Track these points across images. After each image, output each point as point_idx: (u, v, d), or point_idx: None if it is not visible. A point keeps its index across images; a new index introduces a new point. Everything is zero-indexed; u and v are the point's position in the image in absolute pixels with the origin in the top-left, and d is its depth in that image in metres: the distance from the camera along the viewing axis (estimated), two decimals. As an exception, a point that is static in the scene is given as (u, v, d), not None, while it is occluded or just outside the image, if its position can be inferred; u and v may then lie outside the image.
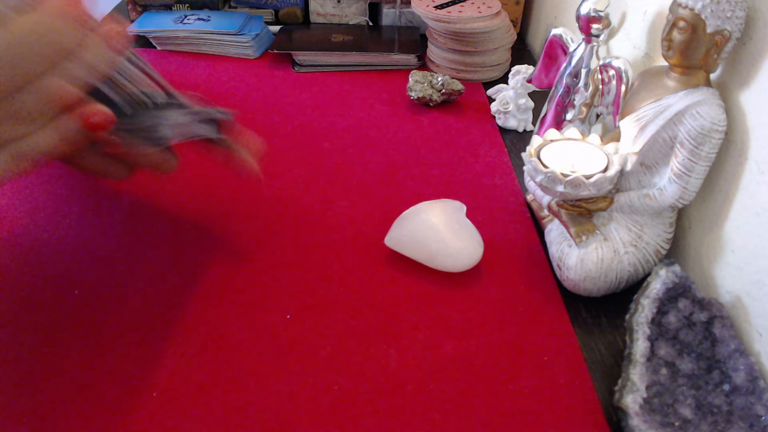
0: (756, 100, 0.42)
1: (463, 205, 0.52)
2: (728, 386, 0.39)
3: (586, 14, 0.54)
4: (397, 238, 0.51)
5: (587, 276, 0.47)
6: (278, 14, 0.95)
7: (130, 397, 0.40)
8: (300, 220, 0.56)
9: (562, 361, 0.44)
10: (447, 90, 0.74)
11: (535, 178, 0.46)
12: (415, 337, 0.45)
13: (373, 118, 0.73)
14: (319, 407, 0.40)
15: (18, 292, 0.47)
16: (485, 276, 0.51)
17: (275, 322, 0.46)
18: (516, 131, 0.72)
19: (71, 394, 0.40)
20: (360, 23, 0.95)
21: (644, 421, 0.36)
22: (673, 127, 0.44)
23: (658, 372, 0.40)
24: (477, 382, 0.42)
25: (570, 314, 0.48)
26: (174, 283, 0.49)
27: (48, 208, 0.56)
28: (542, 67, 0.63)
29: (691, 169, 0.44)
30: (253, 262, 0.51)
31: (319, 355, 0.43)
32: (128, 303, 0.47)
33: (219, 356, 0.43)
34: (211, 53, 0.88)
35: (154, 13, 0.92)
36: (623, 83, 0.49)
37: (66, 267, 0.49)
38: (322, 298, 0.48)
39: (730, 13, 0.40)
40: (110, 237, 0.53)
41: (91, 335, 0.44)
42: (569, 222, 0.48)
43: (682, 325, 0.42)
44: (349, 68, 0.85)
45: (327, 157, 0.65)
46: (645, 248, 0.47)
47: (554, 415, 0.40)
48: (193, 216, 0.56)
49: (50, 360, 0.42)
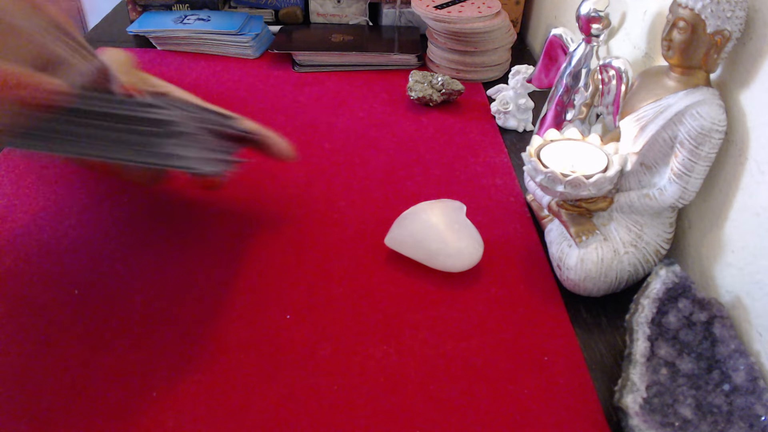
0: (756, 100, 0.42)
1: (463, 205, 0.52)
2: (728, 386, 0.39)
3: (586, 14, 0.54)
4: (397, 238, 0.51)
5: (587, 276, 0.47)
6: (278, 14, 0.95)
7: (130, 397, 0.40)
8: (300, 220, 0.56)
9: (562, 361, 0.44)
10: (447, 90, 0.74)
11: (535, 178, 0.46)
12: (415, 337, 0.45)
13: (373, 118, 0.73)
14: (319, 407, 0.40)
15: (18, 292, 0.47)
16: (485, 276, 0.51)
17: (275, 322, 0.46)
18: (516, 131, 0.72)
19: (71, 394, 0.40)
20: (360, 23, 0.95)
21: (644, 421, 0.36)
22: (673, 127, 0.44)
23: (658, 372, 0.40)
24: (477, 382, 0.42)
25: (570, 314, 0.48)
26: (174, 283, 0.49)
27: (48, 208, 0.56)
28: (542, 67, 0.63)
29: (691, 169, 0.44)
30: (253, 262, 0.51)
31: (319, 355, 0.43)
32: (128, 303, 0.47)
33: (219, 356, 0.43)
34: (211, 53, 0.88)
35: (154, 13, 0.92)
36: (623, 83, 0.49)
37: (66, 267, 0.49)
38: (322, 298, 0.48)
39: (730, 13, 0.40)
40: (110, 237, 0.53)
41: (91, 335, 0.44)
42: (569, 222, 0.48)
43: (682, 325, 0.42)
44: (349, 68, 0.85)
45: (327, 157, 0.65)
46: (645, 248, 0.47)
47: (554, 415, 0.40)
48: (193, 216, 0.56)
49: (50, 360, 0.42)
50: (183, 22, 0.88)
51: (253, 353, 0.43)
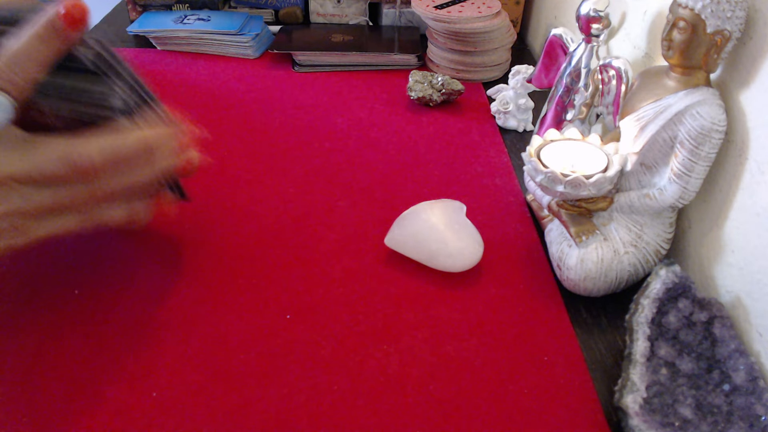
0: (756, 100, 0.42)
1: (463, 205, 0.52)
2: (728, 386, 0.39)
3: (586, 14, 0.54)
4: (397, 238, 0.51)
5: (587, 276, 0.47)
6: (278, 14, 0.95)
7: (130, 397, 0.40)
8: (300, 220, 0.56)
9: (562, 361, 0.44)
10: (447, 90, 0.74)
11: (535, 178, 0.46)
12: (415, 337, 0.45)
13: (373, 118, 0.73)
14: (319, 407, 0.40)
15: (18, 292, 0.47)
16: (485, 276, 0.51)
17: (275, 322, 0.46)
18: (516, 131, 0.72)
19: (71, 394, 0.40)
20: (360, 23, 0.95)
21: (644, 421, 0.36)
22: (673, 127, 0.44)
23: (658, 372, 0.40)
24: (477, 382, 0.42)
25: (570, 314, 0.48)
26: (174, 283, 0.49)
27: (48, 208, 0.55)
28: (542, 67, 0.63)
29: (691, 169, 0.44)
30: (253, 262, 0.51)
31: (319, 355, 0.43)
32: (128, 303, 0.47)
33: (219, 356, 0.43)
34: (211, 53, 0.88)
35: (154, 13, 0.92)
36: (623, 83, 0.49)
37: (66, 267, 0.49)
38: (322, 298, 0.48)
39: (730, 13, 0.40)
40: (110, 237, 0.53)
41: (91, 335, 0.44)
42: (569, 222, 0.48)
43: (682, 325, 0.42)
44: (349, 68, 0.85)
45: (327, 157, 0.65)
46: (645, 248, 0.47)
47: (554, 415, 0.40)
48: (193, 216, 0.56)
49: (50, 360, 0.42)
50: (183, 22, 0.88)
51: (253, 353, 0.43)
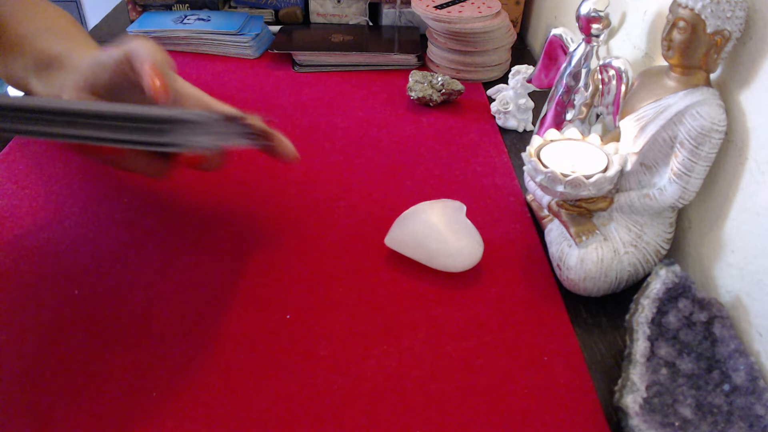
0: (756, 100, 0.42)
1: (463, 205, 0.52)
2: (728, 386, 0.39)
3: (586, 14, 0.54)
4: (397, 238, 0.51)
5: (587, 276, 0.47)
6: (278, 14, 0.95)
7: (130, 397, 0.40)
8: (300, 220, 0.56)
9: (562, 361, 0.44)
10: (447, 90, 0.74)
11: (535, 178, 0.46)
12: (415, 337, 0.45)
13: (373, 118, 0.73)
14: (319, 407, 0.40)
15: (18, 292, 0.47)
16: (485, 276, 0.51)
17: (275, 322, 0.46)
18: (516, 131, 0.72)
19: (71, 394, 0.40)
20: (360, 23, 0.95)
21: (644, 421, 0.36)
22: (673, 127, 0.44)
23: (658, 372, 0.40)
24: (477, 382, 0.42)
25: (570, 314, 0.48)
26: (174, 283, 0.49)
27: (48, 208, 0.56)
28: (542, 67, 0.63)
29: (691, 169, 0.44)
30: (253, 262, 0.51)
31: (319, 355, 0.43)
32: (128, 303, 0.47)
33: (219, 356, 0.43)
34: (211, 53, 0.88)
35: (154, 13, 0.92)
36: (623, 83, 0.49)
37: (66, 267, 0.49)
38: (322, 298, 0.48)
39: (730, 13, 0.40)
40: (110, 237, 0.53)
41: (91, 335, 0.44)
42: (569, 222, 0.48)
43: (682, 325, 0.42)
44: (349, 68, 0.85)
45: (327, 157, 0.65)
46: (645, 248, 0.47)
47: (554, 415, 0.40)
48: (193, 216, 0.56)
49: (50, 360, 0.42)
50: (183, 22, 0.88)
51: (253, 353, 0.43)
